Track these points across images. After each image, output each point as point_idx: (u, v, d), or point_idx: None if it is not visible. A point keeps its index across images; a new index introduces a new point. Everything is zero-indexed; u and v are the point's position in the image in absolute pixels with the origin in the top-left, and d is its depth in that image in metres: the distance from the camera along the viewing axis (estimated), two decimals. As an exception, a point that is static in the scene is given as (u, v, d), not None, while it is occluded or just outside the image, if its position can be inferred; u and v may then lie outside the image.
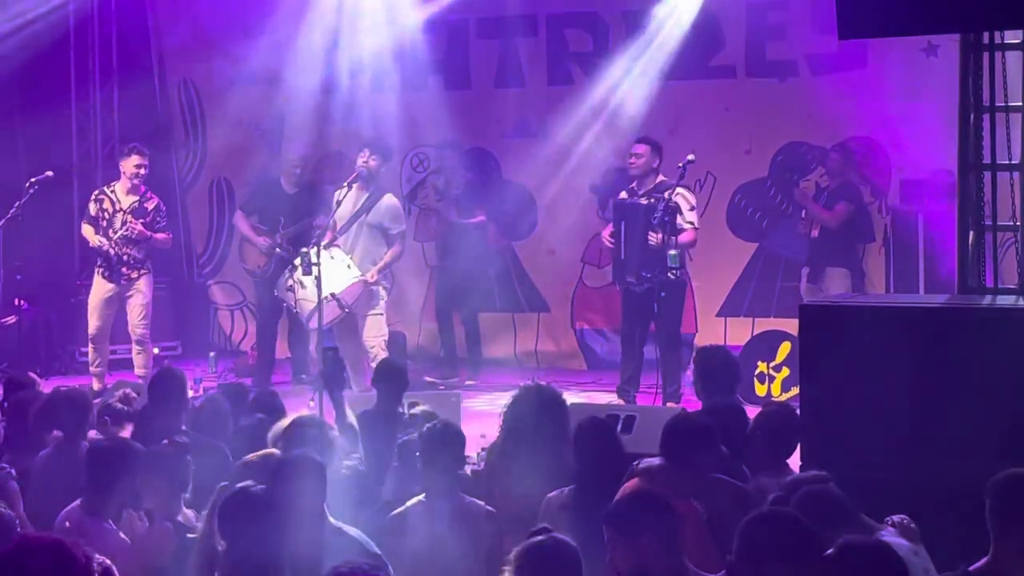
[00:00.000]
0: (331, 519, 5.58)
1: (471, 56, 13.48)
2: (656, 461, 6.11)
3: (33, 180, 11.36)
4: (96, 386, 10.98)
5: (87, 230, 11.30)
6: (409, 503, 6.13)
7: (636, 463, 6.30)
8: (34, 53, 13.04)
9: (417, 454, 6.34)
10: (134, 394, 8.77)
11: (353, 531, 5.63)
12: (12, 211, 11.29)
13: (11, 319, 12.05)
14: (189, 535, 5.85)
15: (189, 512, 6.16)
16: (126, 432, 7.61)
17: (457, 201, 12.81)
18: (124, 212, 11.27)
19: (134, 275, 11.30)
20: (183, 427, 7.24)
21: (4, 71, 12.70)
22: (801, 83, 12.19)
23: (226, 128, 14.26)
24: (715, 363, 7.69)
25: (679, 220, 10.35)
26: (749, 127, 12.52)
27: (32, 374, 9.27)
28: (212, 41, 14.02)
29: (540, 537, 4.71)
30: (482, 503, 6.25)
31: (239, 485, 5.55)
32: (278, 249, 11.64)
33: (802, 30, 12.11)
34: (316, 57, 13.88)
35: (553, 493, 6.21)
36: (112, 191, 11.36)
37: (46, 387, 9.47)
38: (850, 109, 11.86)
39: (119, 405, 8.10)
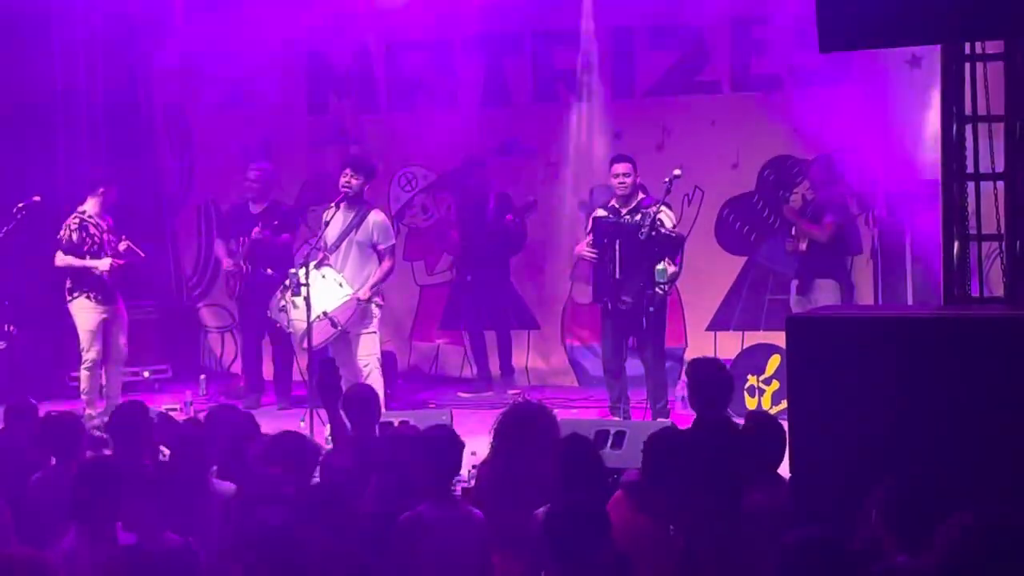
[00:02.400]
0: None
1: (458, 74, 13.50)
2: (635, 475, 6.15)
3: (20, 205, 11.37)
4: (89, 411, 11.01)
5: (67, 259, 11.29)
6: (417, 510, 6.14)
7: (619, 475, 6.33)
8: (19, 76, 13.04)
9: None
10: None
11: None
12: (0, 235, 11.29)
13: (1, 345, 12.02)
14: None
15: None
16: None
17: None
18: (106, 233, 11.35)
19: (118, 296, 11.43)
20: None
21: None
22: (786, 97, 12.22)
23: (213, 151, 14.30)
24: (708, 375, 7.71)
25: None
26: (736, 141, 12.56)
27: (31, 400, 9.25)
28: (198, 64, 14.02)
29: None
30: (477, 511, 6.27)
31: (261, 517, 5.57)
32: (269, 271, 11.70)
33: (786, 44, 12.14)
34: (302, 78, 13.95)
35: (541, 510, 6.22)
36: (90, 216, 11.39)
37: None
38: (835, 122, 11.88)
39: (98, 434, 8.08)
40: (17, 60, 12.99)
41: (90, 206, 11.47)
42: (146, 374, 13.33)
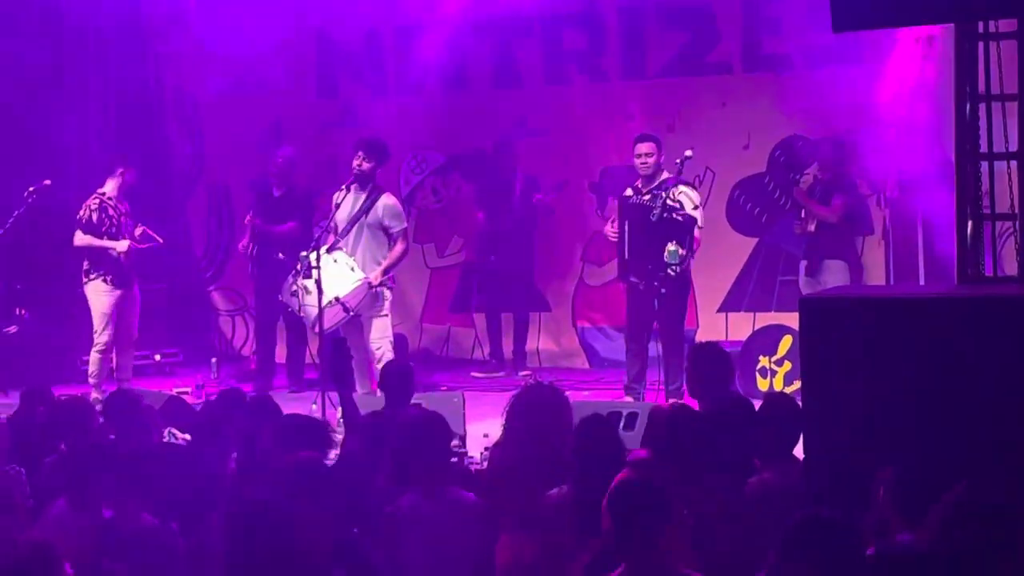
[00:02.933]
0: None
1: (468, 56, 13.47)
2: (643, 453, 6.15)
3: (31, 189, 11.39)
4: (96, 395, 11.02)
5: (87, 238, 11.32)
6: (399, 501, 6.14)
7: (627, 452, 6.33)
8: (29, 61, 13.03)
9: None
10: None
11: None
12: (11, 220, 11.31)
13: (12, 328, 12.04)
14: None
15: None
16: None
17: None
18: (124, 216, 11.39)
19: (133, 280, 11.47)
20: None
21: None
22: (798, 77, 12.17)
23: (223, 134, 14.30)
24: (707, 359, 7.69)
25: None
26: (747, 122, 12.51)
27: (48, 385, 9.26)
28: (208, 48, 14.01)
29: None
30: (471, 495, 6.25)
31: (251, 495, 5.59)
32: (281, 255, 11.71)
33: (798, 24, 12.10)
34: (312, 61, 13.93)
35: (552, 491, 6.23)
36: (109, 198, 11.42)
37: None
38: (847, 102, 11.84)
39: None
40: (27, 44, 12.97)
41: (109, 188, 11.49)
42: (157, 357, 13.35)
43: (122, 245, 11.26)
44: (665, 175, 10.57)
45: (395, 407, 7.70)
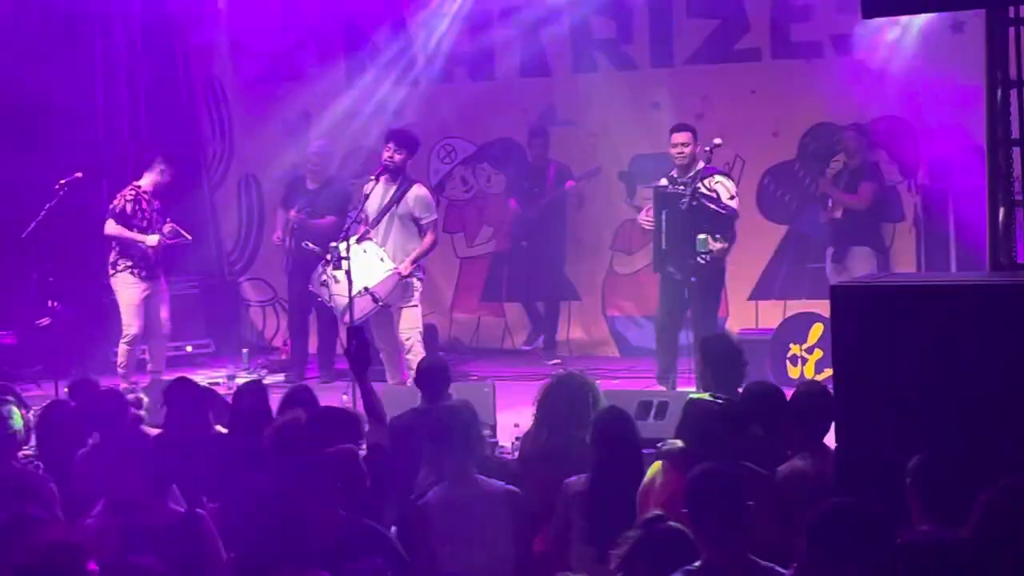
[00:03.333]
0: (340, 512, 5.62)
1: (496, 46, 13.47)
2: (679, 443, 6.13)
3: (63, 181, 11.42)
4: (125, 385, 11.07)
5: (119, 228, 11.36)
6: (430, 492, 6.15)
7: (660, 444, 6.31)
8: (60, 54, 13.08)
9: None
10: (145, 398, 8.90)
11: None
12: (42, 213, 11.35)
13: (45, 320, 12.09)
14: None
15: None
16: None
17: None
18: (156, 212, 11.44)
19: (160, 273, 11.54)
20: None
21: (29, 72, 12.75)
22: (827, 64, 12.13)
23: (253, 125, 14.34)
24: (719, 351, 7.65)
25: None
26: (776, 110, 12.48)
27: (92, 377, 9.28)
28: (237, 38, 14.06)
29: None
30: (501, 483, 6.25)
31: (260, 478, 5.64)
32: (311, 245, 11.73)
33: (827, 10, 12.06)
34: (340, 52, 13.94)
35: (572, 479, 6.23)
36: (144, 192, 11.47)
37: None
38: (877, 88, 11.80)
39: (133, 409, 8.10)
40: (57, 37, 13.02)
41: (146, 182, 11.52)
42: (188, 348, 13.39)
43: (152, 240, 11.30)
44: (701, 164, 10.52)
45: (433, 403, 7.69)
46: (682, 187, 10.31)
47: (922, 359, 5.81)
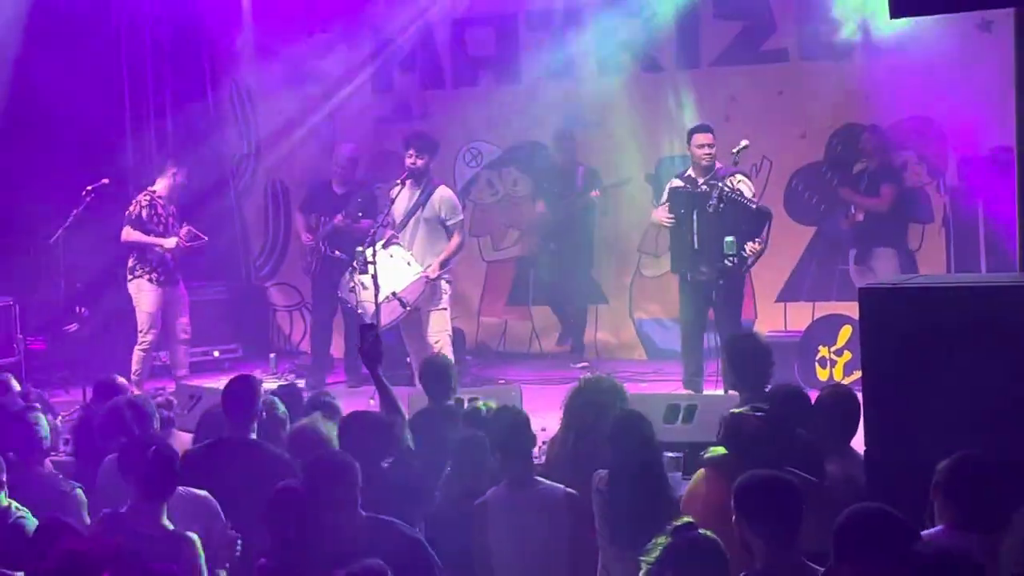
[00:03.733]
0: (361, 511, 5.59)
1: (521, 48, 13.45)
2: (720, 450, 6.09)
3: (90, 188, 11.46)
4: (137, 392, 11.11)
5: (136, 234, 11.40)
6: (488, 492, 6.14)
7: (702, 453, 6.28)
8: (88, 62, 13.10)
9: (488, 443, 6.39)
10: (175, 400, 8.92)
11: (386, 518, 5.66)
12: (70, 218, 11.39)
13: (73, 326, 12.13)
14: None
15: None
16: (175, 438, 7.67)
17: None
18: (172, 217, 11.48)
19: (178, 278, 11.64)
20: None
21: (56, 78, 12.80)
22: (854, 64, 12.06)
23: (279, 130, 14.34)
24: (746, 350, 7.59)
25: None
26: (803, 111, 12.41)
27: (121, 379, 9.30)
28: (263, 43, 14.07)
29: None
30: (562, 487, 6.24)
31: (281, 484, 5.63)
32: (337, 252, 11.74)
33: (854, 10, 11.99)
34: (366, 55, 13.94)
35: (599, 472, 6.20)
36: (159, 197, 11.52)
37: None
38: (905, 89, 11.73)
39: (165, 412, 8.10)
40: (85, 45, 13.04)
41: (160, 186, 11.60)
42: (216, 353, 13.42)
43: (170, 242, 11.35)
44: (717, 164, 10.47)
45: (438, 401, 7.70)
46: (705, 188, 10.24)
47: (951, 361, 5.77)
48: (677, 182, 10.62)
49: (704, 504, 5.87)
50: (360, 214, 11.87)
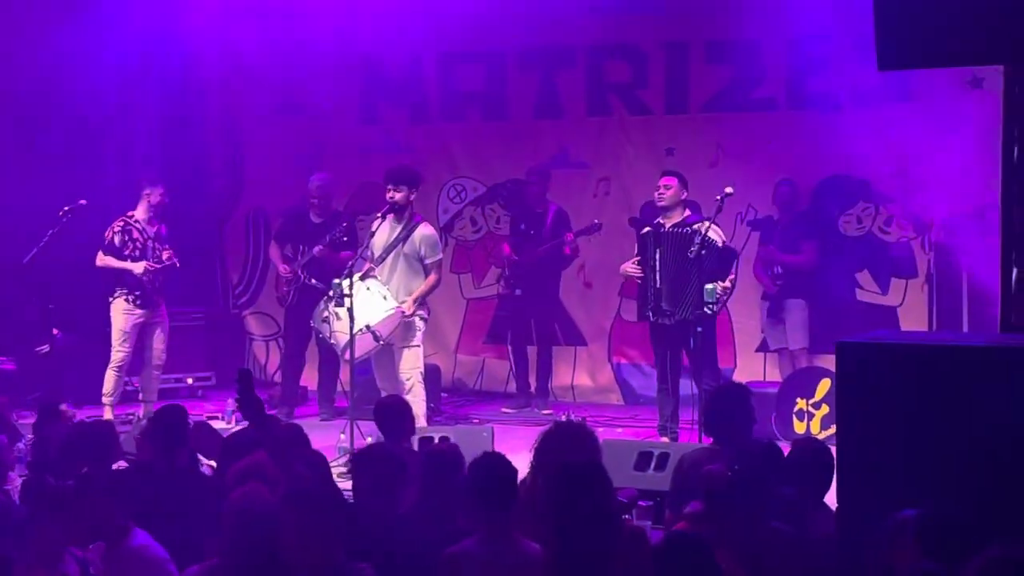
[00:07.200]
0: None
1: (510, 86, 13.41)
2: (699, 506, 6.00)
3: (66, 208, 11.39)
4: (109, 415, 11.02)
5: (106, 259, 11.36)
6: (461, 544, 5.93)
7: (683, 507, 6.20)
8: (73, 87, 13.03)
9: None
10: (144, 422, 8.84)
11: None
12: (46, 239, 11.32)
13: (45, 348, 12.01)
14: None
15: None
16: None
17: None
18: (152, 240, 11.41)
19: (159, 302, 11.51)
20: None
21: (41, 100, 12.73)
22: (843, 115, 12.02)
23: (263, 159, 14.28)
24: (729, 400, 7.52)
25: None
26: (790, 160, 12.36)
27: (66, 405, 9.23)
28: (250, 71, 13.99)
29: None
30: (537, 546, 6.05)
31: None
32: (314, 281, 11.68)
33: (844, 62, 11.95)
34: (354, 87, 13.89)
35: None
36: (136, 221, 11.45)
37: (80, 416, 9.50)
38: (892, 141, 11.69)
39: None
40: (71, 70, 12.95)
41: (139, 211, 11.52)
42: (190, 380, 13.30)
43: (138, 267, 11.30)
44: (687, 212, 10.46)
45: (395, 442, 7.60)
46: (671, 229, 10.24)
47: (927, 419, 5.70)
48: (647, 229, 10.61)
49: None
50: (345, 239, 11.80)
